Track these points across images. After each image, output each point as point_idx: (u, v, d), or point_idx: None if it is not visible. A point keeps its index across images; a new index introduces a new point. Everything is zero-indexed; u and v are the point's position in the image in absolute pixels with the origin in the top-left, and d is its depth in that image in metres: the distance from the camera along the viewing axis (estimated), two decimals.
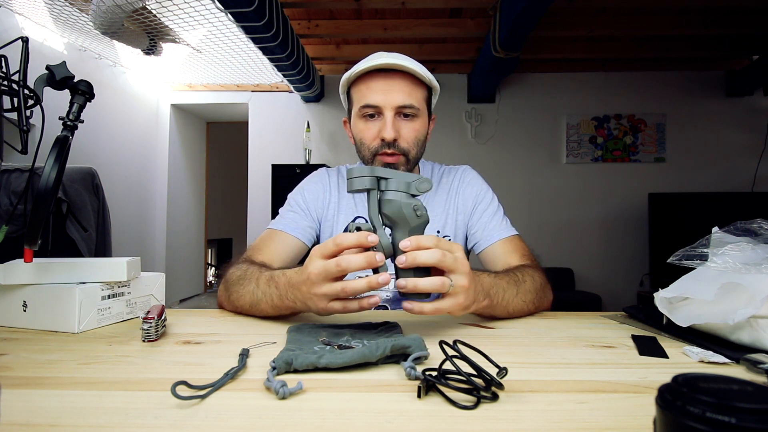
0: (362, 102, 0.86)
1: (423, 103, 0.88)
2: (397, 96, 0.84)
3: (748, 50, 3.20)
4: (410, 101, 0.85)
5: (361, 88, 0.87)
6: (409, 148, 0.87)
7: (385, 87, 0.84)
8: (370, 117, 0.87)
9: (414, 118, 0.87)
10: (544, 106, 3.67)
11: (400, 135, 0.85)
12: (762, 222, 0.64)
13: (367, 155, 0.88)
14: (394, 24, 2.87)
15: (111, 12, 2.17)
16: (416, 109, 0.86)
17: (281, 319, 0.71)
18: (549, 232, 3.64)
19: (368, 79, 0.86)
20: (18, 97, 0.62)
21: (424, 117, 0.90)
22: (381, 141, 0.85)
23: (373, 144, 0.86)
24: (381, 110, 0.85)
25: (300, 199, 0.97)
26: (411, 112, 0.86)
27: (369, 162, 0.89)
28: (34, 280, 0.65)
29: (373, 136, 0.86)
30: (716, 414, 0.20)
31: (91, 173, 1.41)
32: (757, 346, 0.52)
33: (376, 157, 0.87)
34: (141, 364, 0.49)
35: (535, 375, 0.46)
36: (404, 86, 0.85)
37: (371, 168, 0.57)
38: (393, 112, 0.84)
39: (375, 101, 0.85)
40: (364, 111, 0.87)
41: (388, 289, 0.89)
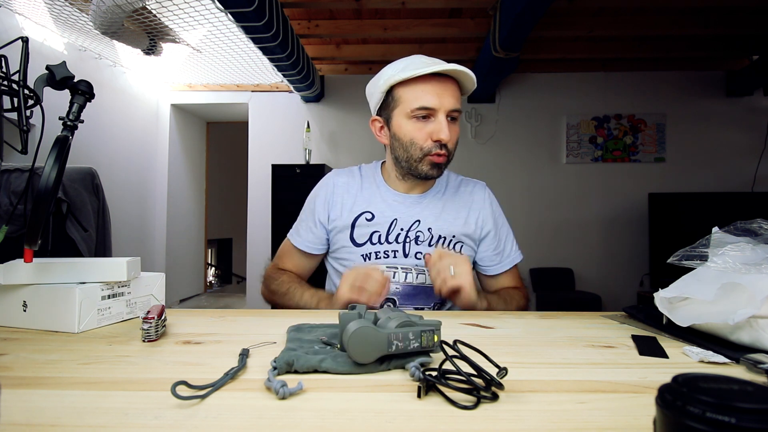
0: (417, 104, 0.88)
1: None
2: (450, 100, 0.88)
3: (748, 50, 3.20)
4: (458, 106, 0.90)
5: (415, 89, 0.89)
6: (453, 149, 0.93)
7: (440, 91, 0.88)
8: (423, 119, 0.90)
9: (456, 122, 0.92)
10: (544, 106, 3.67)
11: (449, 138, 0.90)
12: (762, 222, 0.64)
13: (417, 155, 0.91)
14: (394, 24, 2.86)
15: (111, 12, 2.17)
16: (460, 113, 0.92)
17: (281, 319, 0.71)
18: (549, 232, 3.64)
19: (422, 81, 0.89)
20: (18, 97, 0.62)
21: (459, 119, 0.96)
22: (434, 142, 0.89)
23: (426, 144, 0.90)
24: (435, 113, 0.88)
25: (306, 209, 1.05)
26: (457, 115, 0.91)
27: (417, 161, 0.92)
28: (34, 280, 0.65)
29: (425, 137, 0.90)
30: (716, 414, 0.20)
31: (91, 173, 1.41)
32: (757, 346, 0.52)
33: (426, 157, 0.91)
34: (141, 364, 0.49)
35: (535, 375, 0.46)
36: (455, 91, 0.90)
37: None
38: (446, 114, 0.89)
39: (431, 104, 0.88)
40: (418, 112, 0.89)
41: (398, 283, 0.93)
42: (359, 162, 1.10)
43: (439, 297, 0.90)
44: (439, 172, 0.93)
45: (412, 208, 0.98)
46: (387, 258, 0.95)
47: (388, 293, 0.86)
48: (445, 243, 0.96)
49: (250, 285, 3.82)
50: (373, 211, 0.98)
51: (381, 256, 0.95)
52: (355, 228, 0.97)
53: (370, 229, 0.96)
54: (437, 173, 0.93)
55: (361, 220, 0.97)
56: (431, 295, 0.93)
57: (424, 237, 0.96)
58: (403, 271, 0.94)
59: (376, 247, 0.96)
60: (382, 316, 0.51)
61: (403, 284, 0.94)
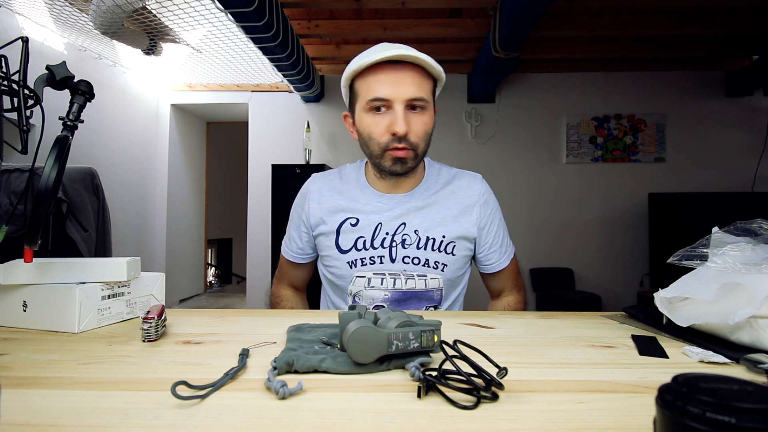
0: (370, 95, 0.83)
1: (430, 96, 0.87)
2: (408, 88, 0.82)
3: (748, 50, 3.20)
4: (420, 94, 0.83)
5: (369, 80, 0.84)
6: (418, 143, 0.85)
7: (395, 79, 0.82)
8: (377, 110, 0.84)
9: (423, 111, 0.85)
10: (544, 106, 3.67)
11: (410, 129, 0.83)
12: (762, 222, 0.64)
13: (377, 151, 0.86)
14: (394, 24, 2.86)
15: (111, 12, 2.17)
16: (425, 102, 0.84)
17: (281, 319, 0.71)
18: (549, 232, 3.64)
19: (376, 71, 0.83)
20: (18, 97, 0.62)
21: (431, 110, 0.88)
22: (391, 135, 0.83)
23: (383, 139, 0.84)
24: (390, 103, 0.83)
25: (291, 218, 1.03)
26: (421, 104, 0.84)
27: (379, 158, 0.87)
28: (34, 280, 0.65)
29: (383, 131, 0.84)
30: (716, 414, 0.20)
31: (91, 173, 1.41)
32: (757, 346, 0.52)
33: (386, 152, 0.85)
34: (141, 364, 0.49)
35: (535, 375, 0.46)
36: (414, 78, 0.82)
37: None
38: (403, 105, 0.82)
39: (384, 94, 0.82)
40: (372, 104, 0.84)
41: (386, 289, 0.90)
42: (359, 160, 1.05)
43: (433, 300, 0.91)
44: (404, 167, 0.86)
45: (396, 209, 0.92)
46: (373, 264, 0.90)
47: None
48: (435, 244, 0.91)
49: (250, 285, 3.82)
50: (357, 215, 0.93)
51: (367, 262, 0.90)
52: (340, 234, 0.93)
53: (354, 235, 0.92)
54: (401, 169, 0.86)
55: (346, 226, 0.92)
56: (422, 299, 0.90)
57: (411, 240, 0.90)
58: (391, 276, 0.89)
59: (361, 253, 0.91)
60: (382, 316, 0.51)
61: (392, 290, 0.89)
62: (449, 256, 0.91)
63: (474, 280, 1.02)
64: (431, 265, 0.90)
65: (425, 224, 0.91)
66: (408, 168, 0.87)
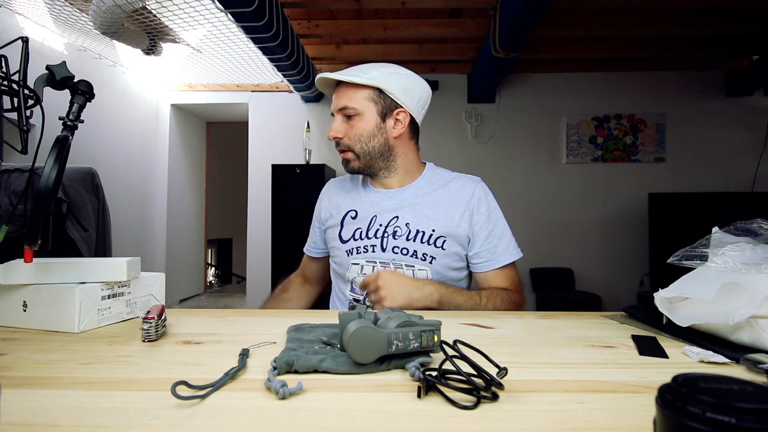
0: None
1: (366, 102, 0.97)
2: (340, 101, 0.97)
3: (748, 50, 3.20)
4: (348, 103, 0.96)
5: None
6: (352, 144, 0.98)
7: (336, 95, 0.99)
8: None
9: (358, 117, 0.97)
10: (544, 106, 3.67)
11: (343, 134, 0.98)
12: (762, 222, 0.64)
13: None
14: (394, 24, 2.86)
15: (111, 12, 2.17)
16: (355, 109, 0.96)
17: (281, 319, 0.71)
18: (549, 232, 3.64)
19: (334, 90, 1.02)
20: (18, 97, 0.62)
21: (371, 113, 0.97)
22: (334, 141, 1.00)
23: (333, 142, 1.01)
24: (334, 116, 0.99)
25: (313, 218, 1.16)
26: (349, 112, 0.97)
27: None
28: (34, 280, 0.65)
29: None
30: (716, 414, 0.20)
31: (91, 173, 1.41)
32: (757, 346, 0.52)
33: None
34: (141, 364, 0.49)
35: (535, 375, 0.46)
36: (347, 91, 0.97)
37: None
38: (339, 115, 0.98)
39: (332, 108, 1.00)
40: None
41: None
42: None
43: None
44: (348, 167, 1.01)
45: (389, 203, 1.02)
46: (367, 252, 0.99)
47: None
48: (424, 237, 0.97)
49: (250, 285, 3.82)
50: (357, 209, 1.04)
51: (361, 250, 1.00)
52: (343, 226, 1.04)
53: (354, 227, 1.02)
54: (347, 168, 1.01)
55: (347, 219, 1.04)
56: None
57: (401, 232, 0.98)
58: (381, 264, 0.98)
59: (357, 242, 1.01)
60: (382, 316, 0.51)
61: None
62: (438, 249, 0.97)
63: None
64: (419, 256, 0.96)
65: (417, 218, 0.99)
66: (352, 168, 1.01)
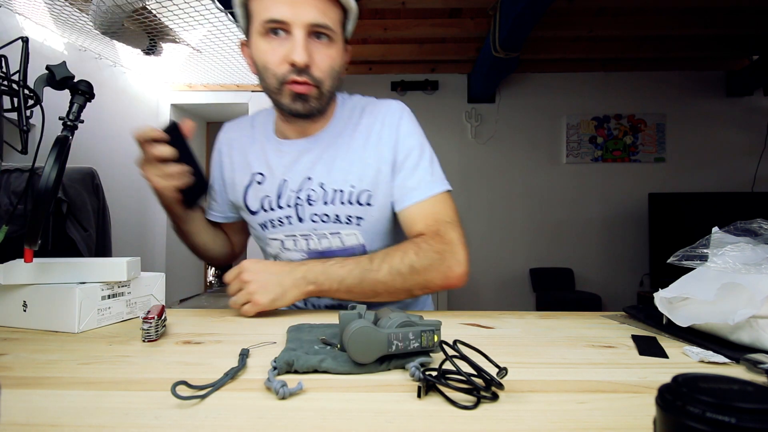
0: (265, 15, 0.70)
1: (339, 26, 0.74)
2: (309, 12, 0.69)
3: (748, 50, 3.20)
4: (325, 21, 0.70)
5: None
6: (323, 78, 0.73)
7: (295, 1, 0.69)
8: (275, 34, 0.71)
9: (330, 43, 0.73)
10: (544, 106, 3.67)
11: (313, 61, 0.71)
12: (762, 222, 0.64)
13: (273, 84, 0.73)
14: (394, 24, 2.87)
15: (111, 12, 2.17)
16: (332, 31, 0.72)
17: (281, 319, 0.71)
18: (549, 232, 3.64)
19: None
20: (18, 97, 0.62)
21: (340, 43, 0.75)
22: (290, 66, 0.71)
23: (280, 69, 0.71)
24: (289, 27, 0.70)
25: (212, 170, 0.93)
26: (326, 32, 0.71)
27: (276, 93, 0.74)
28: (34, 280, 0.65)
29: (280, 60, 0.71)
30: (716, 414, 0.20)
31: (91, 173, 1.41)
32: (757, 346, 0.52)
33: (284, 85, 0.72)
34: (141, 364, 0.49)
35: (535, 375, 0.46)
36: (318, 2, 0.70)
37: None
38: (304, 31, 0.70)
39: (282, 15, 0.69)
40: (267, 26, 0.70)
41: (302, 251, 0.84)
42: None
43: None
44: (306, 106, 0.73)
45: (301, 159, 0.81)
46: (283, 225, 0.81)
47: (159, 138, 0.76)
48: (344, 197, 0.78)
49: None
50: (263, 170, 0.83)
51: (276, 223, 0.82)
52: (248, 193, 0.84)
53: (261, 194, 0.82)
54: (303, 108, 0.73)
55: (253, 184, 0.83)
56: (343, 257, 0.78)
57: (316, 195, 0.79)
58: (303, 237, 0.81)
59: (269, 214, 0.82)
60: (382, 316, 0.51)
61: (309, 251, 0.82)
62: (364, 207, 0.79)
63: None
64: (343, 220, 0.79)
65: (332, 176, 0.79)
66: (311, 108, 0.74)
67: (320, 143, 0.81)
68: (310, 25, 0.70)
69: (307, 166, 0.80)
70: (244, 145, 0.86)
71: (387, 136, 0.80)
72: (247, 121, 0.90)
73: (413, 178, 0.78)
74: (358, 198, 0.79)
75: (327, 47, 0.73)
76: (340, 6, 0.75)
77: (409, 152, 0.79)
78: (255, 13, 0.72)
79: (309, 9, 0.69)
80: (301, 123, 0.80)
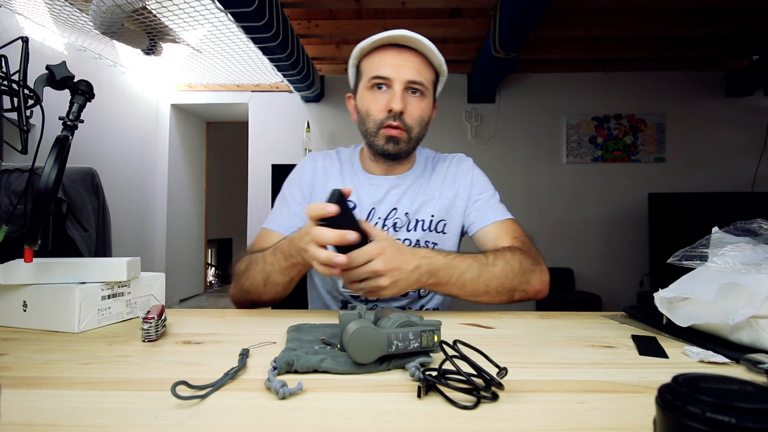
0: (373, 73, 0.87)
1: (431, 85, 0.90)
2: (408, 71, 0.85)
3: (748, 50, 3.20)
4: (420, 78, 0.86)
5: (374, 60, 0.88)
6: (413, 125, 0.88)
7: (398, 61, 0.85)
8: (379, 89, 0.87)
9: (422, 96, 0.88)
10: (544, 106, 3.67)
11: (406, 110, 0.86)
12: (762, 222, 0.64)
13: (372, 128, 0.88)
14: (394, 24, 2.86)
15: (111, 12, 2.17)
16: (425, 87, 0.87)
17: (281, 319, 0.71)
18: (549, 232, 3.64)
19: (381, 52, 0.88)
20: (18, 97, 0.62)
21: (430, 98, 0.91)
22: (388, 113, 0.86)
23: (380, 116, 0.87)
24: (391, 83, 0.86)
25: (288, 193, 0.98)
26: (419, 88, 0.87)
27: (373, 135, 0.88)
28: (34, 280, 0.65)
29: (381, 108, 0.87)
30: (716, 414, 0.20)
31: (91, 173, 1.41)
32: (757, 346, 0.52)
33: (381, 129, 0.87)
34: (141, 364, 0.49)
35: (535, 375, 0.46)
36: (415, 63, 0.86)
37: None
38: (402, 86, 0.85)
39: (386, 73, 0.85)
40: (373, 81, 0.87)
41: None
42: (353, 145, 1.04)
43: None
44: (396, 147, 0.88)
45: (390, 192, 0.94)
46: None
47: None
48: (425, 225, 0.92)
49: None
50: (353, 198, 0.94)
51: None
52: None
53: None
54: (394, 149, 0.88)
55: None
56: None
57: (401, 223, 0.92)
58: None
59: None
60: (382, 316, 0.51)
61: None
62: (440, 234, 0.93)
63: None
64: (422, 244, 0.92)
65: (414, 206, 0.93)
66: (400, 149, 0.88)
67: (406, 181, 0.96)
68: (407, 82, 0.85)
69: (395, 198, 0.94)
70: (334, 174, 0.98)
71: (462, 176, 0.97)
72: (332, 154, 1.02)
73: (489, 206, 0.94)
74: (435, 226, 0.93)
75: (419, 100, 0.88)
76: (434, 69, 0.90)
77: (483, 189, 0.96)
78: (365, 72, 0.89)
79: (408, 69, 0.85)
80: (389, 163, 0.94)
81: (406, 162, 0.96)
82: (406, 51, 0.87)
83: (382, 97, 0.87)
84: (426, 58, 0.88)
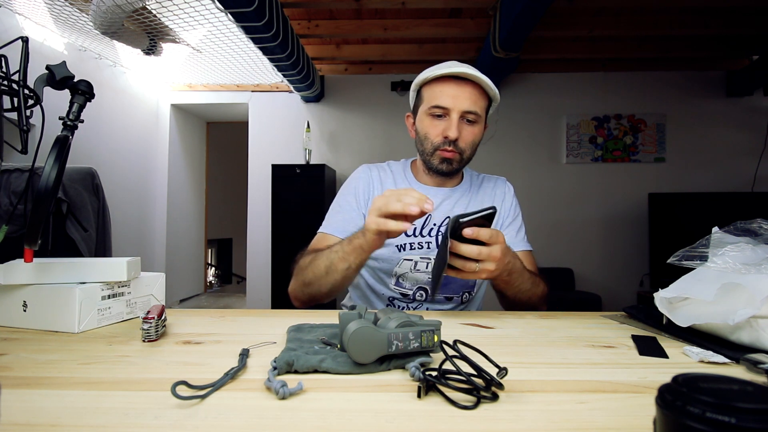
0: (433, 102, 0.97)
1: (484, 112, 1.00)
2: (465, 102, 0.95)
3: (748, 50, 3.20)
4: (475, 108, 0.96)
5: (435, 89, 0.98)
6: (465, 148, 0.99)
7: (456, 92, 0.96)
8: (438, 117, 0.98)
9: (474, 124, 0.98)
10: (544, 106, 3.67)
11: (461, 136, 0.97)
12: (762, 222, 0.64)
13: (429, 149, 1.00)
14: (394, 24, 2.86)
15: (111, 12, 2.17)
16: (478, 116, 0.97)
17: (281, 319, 0.71)
18: (549, 232, 3.64)
19: (442, 82, 0.97)
20: (18, 97, 0.62)
21: (482, 124, 1.01)
22: (444, 138, 0.97)
23: (437, 140, 0.98)
24: (449, 112, 0.96)
25: (343, 200, 1.07)
26: (473, 118, 0.97)
27: (429, 155, 1.00)
28: (34, 280, 0.65)
29: (438, 133, 0.98)
30: (716, 414, 0.20)
31: (91, 173, 1.41)
32: (757, 346, 0.52)
33: (437, 151, 0.99)
34: (141, 364, 0.49)
35: (535, 375, 0.46)
36: (471, 95, 0.96)
37: None
38: (458, 115, 0.95)
39: (445, 103, 0.96)
40: (433, 111, 0.97)
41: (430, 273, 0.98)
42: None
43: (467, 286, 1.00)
44: (449, 167, 1.00)
45: (444, 202, 1.05)
46: (421, 249, 1.00)
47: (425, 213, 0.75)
48: None
49: (250, 285, 3.82)
50: None
51: (416, 246, 1.00)
52: None
53: None
54: (447, 168, 1.00)
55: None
56: (459, 283, 1.00)
57: None
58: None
59: (410, 239, 1.01)
60: (382, 316, 0.51)
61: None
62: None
63: None
64: None
65: None
66: (452, 169, 1.00)
67: (456, 193, 1.07)
68: (463, 112, 0.96)
69: (447, 208, 1.05)
70: (389, 184, 1.09)
71: (506, 199, 1.10)
72: (384, 167, 1.13)
73: (520, 233, 1.08)
74: None
75: (472, 127, 0.98)
76: (488, 96, 1.00)
77: (517, 215, 1.11)
78: (425, 98, 1.00)
79: (464, 100, 0.95)
80: (441, 178, 1.06)
81: (455, 177, 1.08)
82: (465, 83, 0.96)
83: (439, 124, 0.98)
84: (481, 87, 0.97)
